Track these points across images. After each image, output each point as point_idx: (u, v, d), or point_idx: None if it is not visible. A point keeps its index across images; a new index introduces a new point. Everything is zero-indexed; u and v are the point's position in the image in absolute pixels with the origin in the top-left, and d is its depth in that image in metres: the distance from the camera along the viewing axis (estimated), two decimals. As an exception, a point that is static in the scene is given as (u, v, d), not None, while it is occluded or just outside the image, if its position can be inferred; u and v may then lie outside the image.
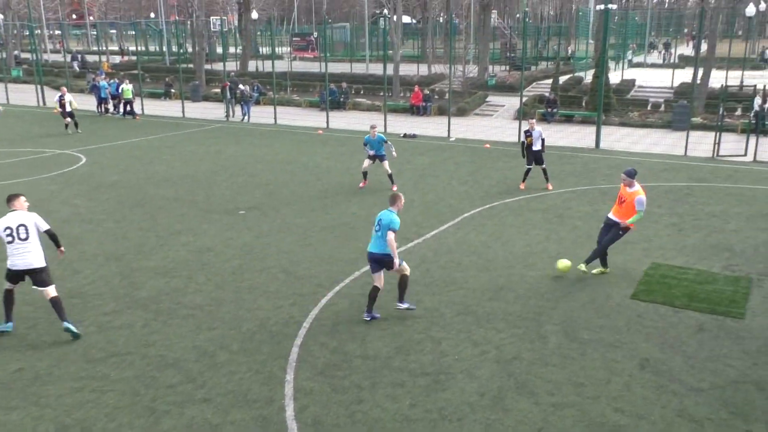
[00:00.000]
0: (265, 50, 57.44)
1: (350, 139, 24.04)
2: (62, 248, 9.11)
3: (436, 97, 33.20)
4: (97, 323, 9.01)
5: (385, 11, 38.93)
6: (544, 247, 11.96)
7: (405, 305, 9.27)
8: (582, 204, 14.85)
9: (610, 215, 10.63)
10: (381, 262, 8.97)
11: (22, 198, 8.82)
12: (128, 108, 29.75)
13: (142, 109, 30.92)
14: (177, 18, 71.94)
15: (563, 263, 10.59)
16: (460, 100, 31.31)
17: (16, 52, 55.62)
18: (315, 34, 44.08)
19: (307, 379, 7.61)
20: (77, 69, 52.04)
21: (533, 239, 12.41)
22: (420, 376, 7.64)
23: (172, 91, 37.87)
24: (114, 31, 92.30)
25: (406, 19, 57.56)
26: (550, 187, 16.05)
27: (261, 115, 29.91)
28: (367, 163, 16.34)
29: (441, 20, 58.84)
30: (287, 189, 16.47)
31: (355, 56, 53.18)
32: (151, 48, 72.20)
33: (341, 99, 32.35)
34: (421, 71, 41.80)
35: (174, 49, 59.76)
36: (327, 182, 17.19)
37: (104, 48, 60.95)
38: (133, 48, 68.69)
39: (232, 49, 61.21)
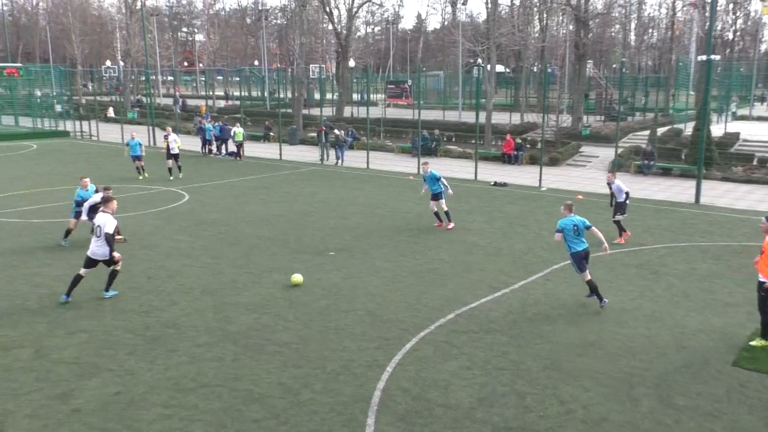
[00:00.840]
0: (360, 97, 59.10)
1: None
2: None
3: (528, 146, 32.88)
4: (190, 354, 9.34)
5: (479, 60, 39.26)
6: (638, 305, 11.45)
7: None
8: (679, 261, 14.17)
9: (760, 276, 9.55)
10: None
11: (114, 202, 11.75)
12: (238, 150, 31.10)
13: (243, 151, 32.22)
14: (279, 66, 75.44)
15: (295, 278, 12.13)
16: (552, 149, 30.87)
17: (137, 97, 60.02)
18: (409, 81, 45.02)
19: (387, 424, 7.55)
20: (178, 112, 55.46)
21: (626, 295, 11.92)
22: (502, 431, 7.42)
23: (271, 134, 39.44)
24: (220, 77, 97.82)
25: (499, 68, 57.87)
26: (621, 241, 15.53)
27: (354, 159, 30.59)
28: (432, 203, 16.98)
29: (535, 69, 58.71)
30: (377, 232, 16.64)
31: (448, 104, 53.74)
32: (254, 93, 75.92)
33: (433, 145, 32.61)
34: (514, 120, 41.65)
35: (275, 94, 62.48)
36: (416, 227, 17.25)
37: (211, 93, 64.57)
38: (237, 93, 72.41)
39: (329, 96, 63.33)
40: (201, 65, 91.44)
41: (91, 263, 11.21)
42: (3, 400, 8.02)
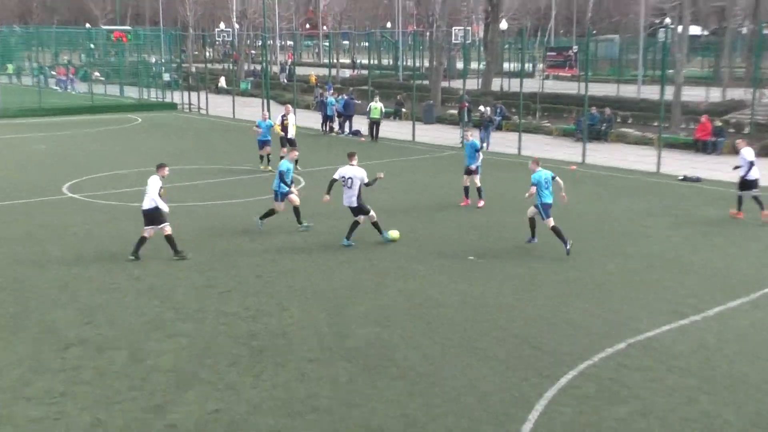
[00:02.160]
0: (512, 67, 58.24)
1: (612, 179, 23.20)
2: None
3: (732, 130, 30.88)
4: (300, 371, 9.52)
5: (667, 20, 37.36)
6: None
7: None
8: None
9: None
10: None
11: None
12: (372, 128, 31.42)
13: (378, 130, 32.72)
14: (415, 29, 76.05)
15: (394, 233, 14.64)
16: (766, 135, 28.80)
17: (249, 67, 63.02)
18: (575, 48, 43.71)
19: (535, 477, 7.27)
20: (284, 82, 57.42)
21: None
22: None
23: (403, 110, 39.82)
24: (346, 42, 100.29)
25: (694, 30, 54.65)
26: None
27: (502, 142, 30.16)
28: (465, 177, 18.86)
29: (744, 31, 54.91)
30: (520, 234, 16.24)
31: (623, 76, 51.66)
32: (384, 61, 77.10)
33: (603, 128, 31.46)
34: (712, 96, 39.29)
35: (409, 63, 63.02)
36: (579, 230, 16.65)
37: (335, 61, 66.35)
38: (365, 61, 73.91)
39: (474, 65, 62.97)
40: (325, 28, 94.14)
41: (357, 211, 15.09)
42: (96, 408, 8.56)
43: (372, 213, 15.29)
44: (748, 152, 17.99)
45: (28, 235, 15.87)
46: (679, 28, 34.43)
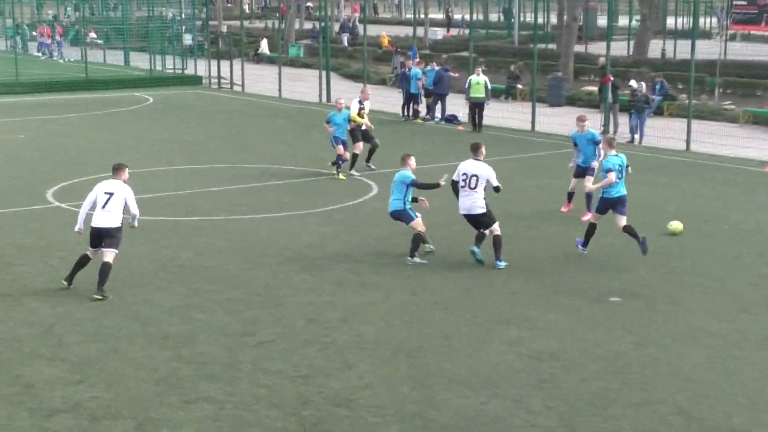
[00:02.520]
0: (681, 24, 57.53)
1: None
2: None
3: None
4: (369, 454, 9.69)
5: None
6: None
7: None
8: None
9: None
10: None
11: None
12: (475, 112, 31.51)
13: (481, 115, 32.81)
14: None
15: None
16: None
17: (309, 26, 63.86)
18: (775, -5, 42.90)
19: None
20: (347, 45, 58.03)
21: None
22: None
23: (519, 87, 39.81)
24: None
25: None
26: None
27: (664, 133, 29.82)
28: (573, 181, 20.06)
29: None
30: (699, 267, 16.15)
31: None
32: (492, 18, 77.13)
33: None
34: None
35: (528, 19, 62.89)
36: (775, 261, 16.47)
37: (422, 16, 66.79)
38: (465, 17, 74.11)
39: (622, 21, 62.45)
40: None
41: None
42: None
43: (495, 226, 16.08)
44: None
45: (1, 258, 16.53)
46: None
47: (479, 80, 31.75)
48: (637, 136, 29.32)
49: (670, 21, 59.04)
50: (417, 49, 44.51)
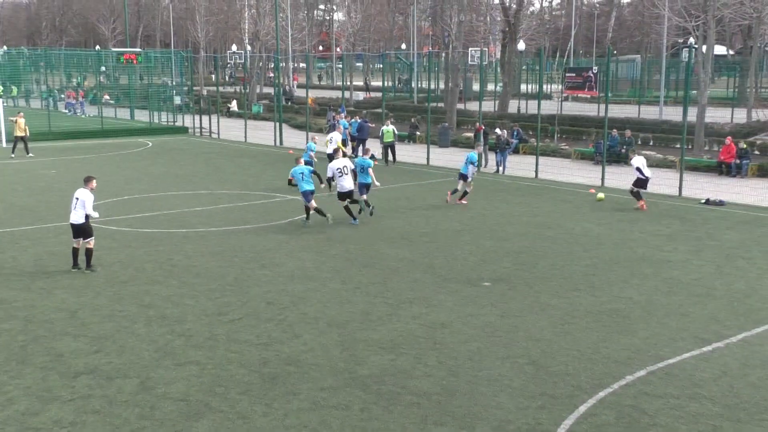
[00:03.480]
0: (530, 88, 58.56)
1: (632, 202, 23.26)
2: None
3: (757, 152, 30.90)
4: (312, 399, 9.66)
5: (691, 40, 37.49)
6: None
7: None
8: None
9: None
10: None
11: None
12: (387, 152, 31.67)
13: (394, 153, 32.92)
14: (430, 50, 76.60)
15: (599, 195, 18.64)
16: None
17: (286, 88, 63.56)
18: (595, 68, 43.94)
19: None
20: (284, 103, 58.05)
21: None
22: None
23: (417, 133, 40.09)
24: (360, 64, 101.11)
25: (719, 49, 54.82)
26: None
27: (519, 166, 30.32)
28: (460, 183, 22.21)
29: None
30: (545, 260, 16.38)
31: (644, 97, 51.88)
32: (398, 84, 77.54)
33: (623, 150, 31.55)
34: (737, 118, 39.35)
35: (424, 85, 63.47)
36: (596, 255, 16.78)
37: (348, 83, 66.92)
38: (379, 83, 74.47)
39: (490, 86, 63.32)
40: (339, 49, 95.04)
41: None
42: (103, 436, 8.72)
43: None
44: None
45: (37, 261, 16.14)
46: (704, 48, 34.51)
47: (389, 129, 31.93)
48: (501, 168, 29.68)
49: (523, 86, 60.04)
50: (344, 106, 44.53)
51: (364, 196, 20.49)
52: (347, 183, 19.85)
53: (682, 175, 24.95)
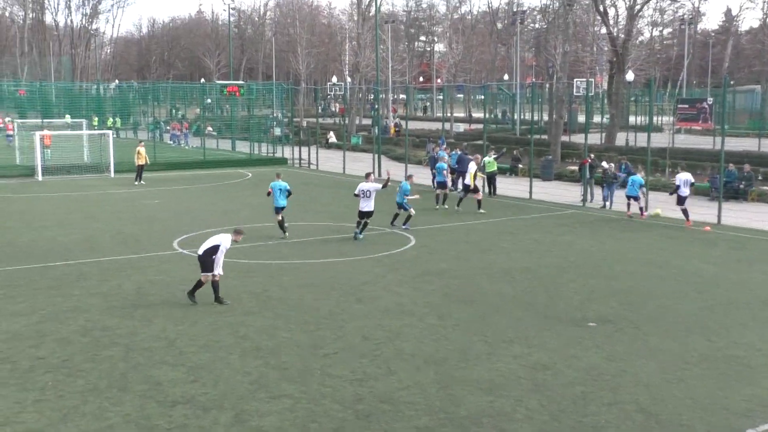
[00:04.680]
0: (639, 120, 57.23)
1: (751, 242, 22.27)
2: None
3: None
4: (406, 438, 9.54)
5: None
6: None
7: None
8: None
9: None
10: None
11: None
12: (490, 182, 31.83)
13: (495, 186, 32.82)
14: (534, 80, 76.13)
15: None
16: None
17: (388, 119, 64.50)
18: (710, 99, 42.65)
19: None
20: (375, 134, 58.67)
21: None
22: None
23: (520, 166, 39.70)
24: (461, 95, 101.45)
25: None
26: None
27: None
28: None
29: None
30: (654, 300, 15.83)
31: (765, 130, 49.80)
32: (500, 116, 77.34)
33: (741, 186, 30.33)
34: None
35: (527, 117, 62.98)
36: (711, 296, 16.11)
37: (449, 114, 67.12)
38: (480, 114, 74.36)
39: (596, 118, 62.29)
40: (439, 81, 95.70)
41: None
42: (197, 468, 8.84)
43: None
44: None
45: (140, 290, 16.68)
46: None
47: (491, 160, 31.99)
48: (608, 204, 29.03)
49: (632, 118, 58.75)
50: (444, 138, 44.57)
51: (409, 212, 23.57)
52: (366, 205, 22.05)
53: (808, 213, 23.73)
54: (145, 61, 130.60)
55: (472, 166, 28.31)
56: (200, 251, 15.38)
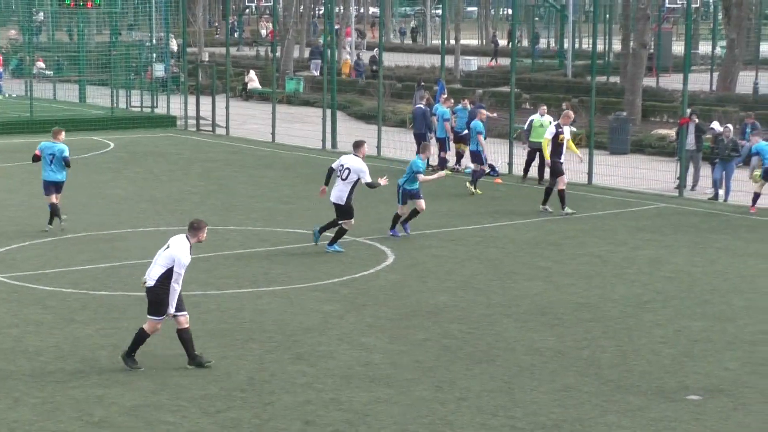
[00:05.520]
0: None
1: None
2: None
3: None
4: None
5: None
6: None
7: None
8: None
9: None
10: None
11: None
12: (540, 163, 30.32)
13: (510, 162, 32.93)
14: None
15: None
16: None
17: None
18: None
19: None
20: (316, 74, 58.83)
21: None
22: None
23: (573, 129, 39.90)
24: (473, 8, 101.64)
25: None
26: None
27: (753, 187, 29.80)
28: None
29: None
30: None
31: None
32: (542, 44, 77.73)
33: None
34: None
35: (585, 46, 63.23)
36: None
37: (453, 42, 67.25)
38: (504, 41, 74.55)
39: (704, 48, 62.81)
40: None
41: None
42: None
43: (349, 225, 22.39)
44: None
45: None
46: None
47: (543, 121, 31.78)
48: (721, 192, 29.21)
49: (764, 48, 59.28)
50: (443, 82, 44.62)
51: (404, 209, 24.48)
52: (336, 192, 23.00)
53: None
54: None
55: (550, 131, 27.42)
56: (149, 280, 15.23)
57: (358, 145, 23.24)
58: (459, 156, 34.57)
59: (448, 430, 13.25)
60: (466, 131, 33.42)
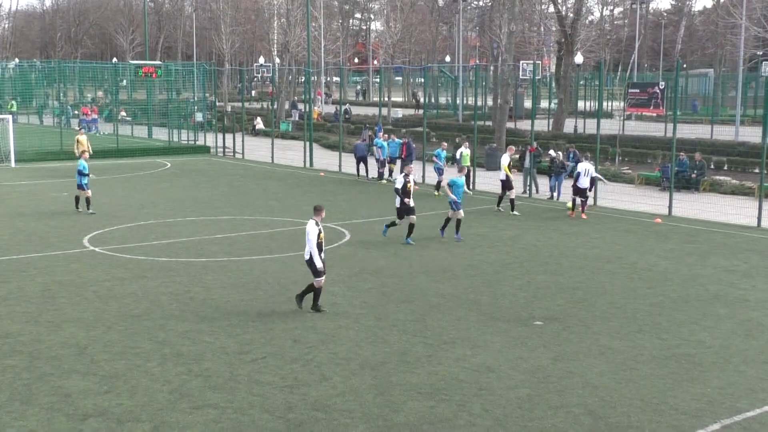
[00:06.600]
0: (588, 106, 58.35)
1: (704, 234, 22.96)
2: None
3: None
4: (341, 449, 9.63)
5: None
6: None
7: None
8: None
9: None
10: None
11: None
12: (468, 175, 30.81)
13: (423, 177, 33.05)
14: (477, 62, 76.84)
15: None
16: None
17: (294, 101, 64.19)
18: (662, 84, 43.67)
19: None
20: (297, 119, 58.86)
21: None
22: None
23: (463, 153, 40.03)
24: (399, 78, 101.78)
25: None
26: None
27: (576, 192, 30.10)
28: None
29: None
30: (604, 297, 16.21)
31: (718, 116, 51.35)
32: (442, 100, 77.91)
33: (693, 176, 31.22)
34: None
35: (470, 101, 63.53)
36: (662, 293, 16.57)
37: (386, 99, 67.35)
38: (421, 99, 74.67)
39: (544, 104, 63.27)
40: (375, 62, 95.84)
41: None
42: (112, 486, 8.77)
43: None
44: None
45: (45, 292, 16.38)
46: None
47: (466, 152, 31.69)
48: (555, 194, 29.54)
49: (581, 104, 59.87)
50: (381, 124, 44.63)
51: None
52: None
53: (762, 204, 24.56)
54: (49, 37, 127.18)
55: (505, 159, 27.31)
56: (305, 255, 15.06)
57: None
58: (390, 172, 34.53)
59: (385, 344, 13.31)
60: (397, 156, 33.49)
